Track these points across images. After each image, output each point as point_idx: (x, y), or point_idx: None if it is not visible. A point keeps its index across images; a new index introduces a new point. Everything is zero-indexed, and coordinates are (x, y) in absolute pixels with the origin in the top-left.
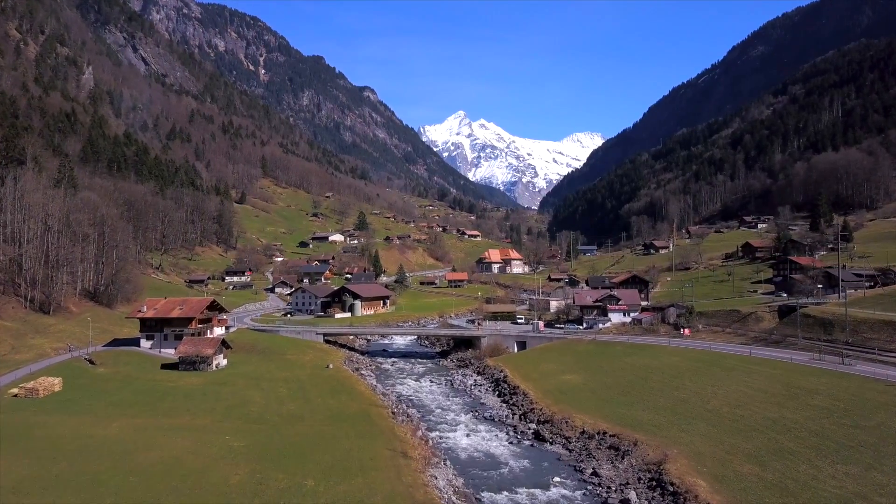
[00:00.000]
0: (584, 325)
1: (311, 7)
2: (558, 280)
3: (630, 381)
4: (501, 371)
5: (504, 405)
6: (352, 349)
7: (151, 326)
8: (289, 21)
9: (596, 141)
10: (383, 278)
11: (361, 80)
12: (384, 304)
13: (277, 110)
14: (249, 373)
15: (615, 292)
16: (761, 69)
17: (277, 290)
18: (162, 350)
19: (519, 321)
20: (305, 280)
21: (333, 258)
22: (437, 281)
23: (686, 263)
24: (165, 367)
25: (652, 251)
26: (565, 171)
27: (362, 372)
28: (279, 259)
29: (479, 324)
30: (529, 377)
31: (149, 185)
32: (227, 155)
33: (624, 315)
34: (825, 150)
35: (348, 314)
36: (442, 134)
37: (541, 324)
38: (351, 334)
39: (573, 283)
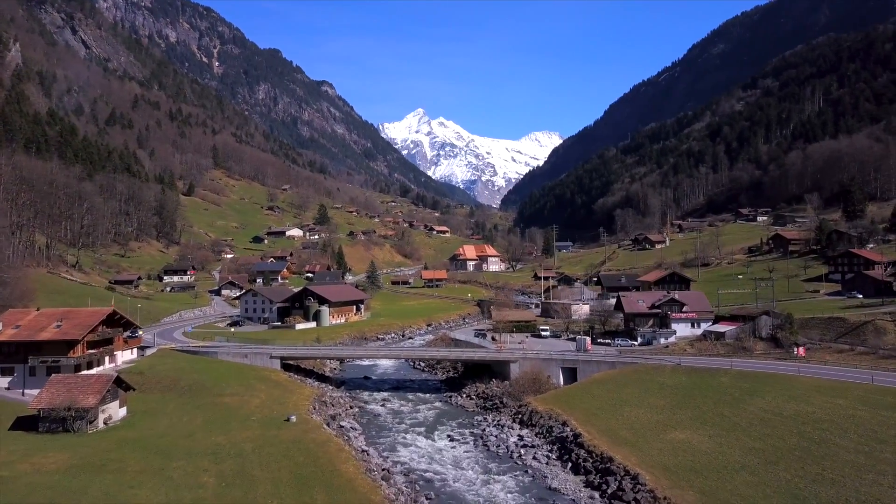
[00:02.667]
0: (640, 339)
1: (268, 3)
2: (547, 279)
3: (802, 450)
4: (562, 421)
5: (596, 495)
6: (322, 378)
7: (9, 354)
8: (244, 13)
9: (554, 140)
10: (350, 277)
11: (320, 74)
12: (357, 309)
13: (232, 103)
14: (156, 436)
15: (676, 295)
16: (722, 66)
17: (224, 292)
18: (26, 391)
19: (544, 334)
20: (259, 280)
21: (292, 255)
22: (411, 280)
23: (704, 259)
24: (20, 425)
25: (647, 246)
26: (524, 169)
27: (342, 424)
28: (229, 256)
29: (497, 340)
30: (617, 435)
31: (74, 170)
32: (174, 144)
33: (692, 326)
34: (816, 139)
35: (312, 324)
36: (401, 131)
37: (587, 340)
38: (320, 357)
39: (567, 281)
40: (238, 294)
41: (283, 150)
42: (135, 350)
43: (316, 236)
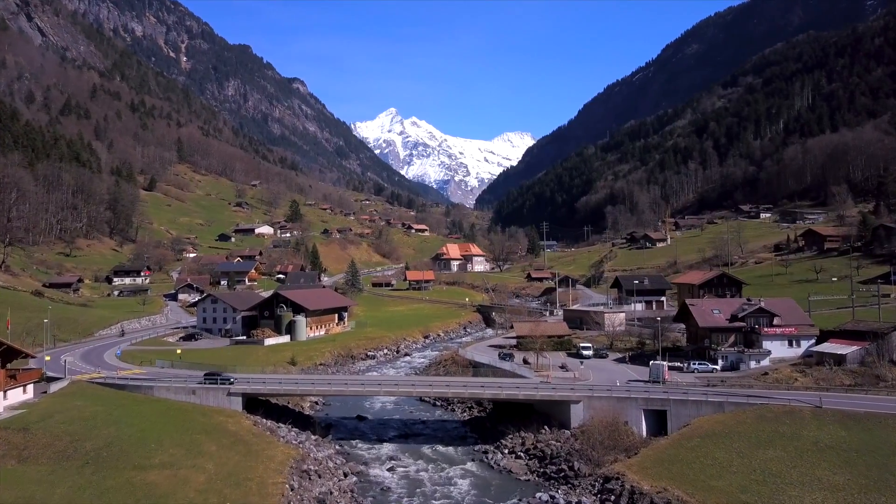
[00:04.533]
0: (721, 361)
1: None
2: (541, 280)
3: None
4: None
5: None
6: (300, 419)
7: None
8: (213, 8)
9: (526, 140)
10: (326, 279)
11: (291, 72)
12: (340, 318)
13: (200, 98)
14: None
15: (763, 303)
16: (696, 66)
17: (181, 296)
18: None
19: (585, 353)
20: (223, 282)
21: (261, 254)
22: (393, 281)
23: (724, 257)
24: None
25: (648, 244)
26: (497, 170)
27: None
28: (191, 255)
29: (531, 363)
30: None
31: (13, 157)
32: (135, 136)
33: (790, 344)
34: (813, 134)
35: (285, 337)
36: (373, 131)
37: (665, 367)
38: (298, 394)
39: (568, 282)
40: (197, 299)
41: (253, 146)
42: (29, 387)
43: (288, 234)
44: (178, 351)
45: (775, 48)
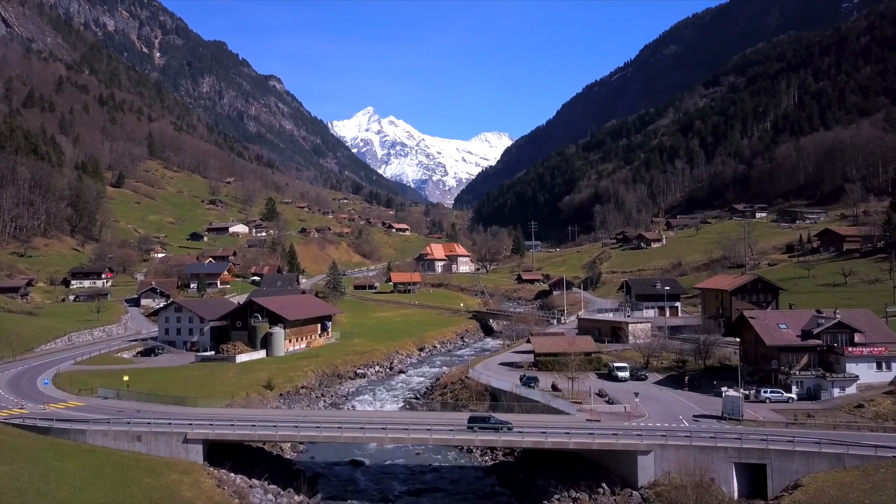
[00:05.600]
0: (796, 388)
1: None
2: (532, 281)
3: None
4: None
5: None
6: (276, 467)
7: None
8: (187, 3)
9: (504, 140)
10: (304, 280)
11: (267, 69)
12: (323, 329)
13: (174, 94)
14: None
15: (840, 316)
16: (675, 67)
17: (144, 301)
18: None
19: (620, 375)
20: (193, 285)
21: (235, 254)
22: (376, 284)
23: (734, 259)
24: None
25: (643, 245)
26: (475, 170)
27: None
28: (159, 255)
29: (565, 392)
30: None
31: None
32: (103, 130)
33: (878, 367)
34: (804, 132)
35: (261, 353)
36: (350, 130)
37: (740, 399)
38: (276, 440)
39: (564, 285)
40: (162, 304)
41: (229, 143)
42: None
43: (264, 233)
44: (126, 377)
45: (757, 48)
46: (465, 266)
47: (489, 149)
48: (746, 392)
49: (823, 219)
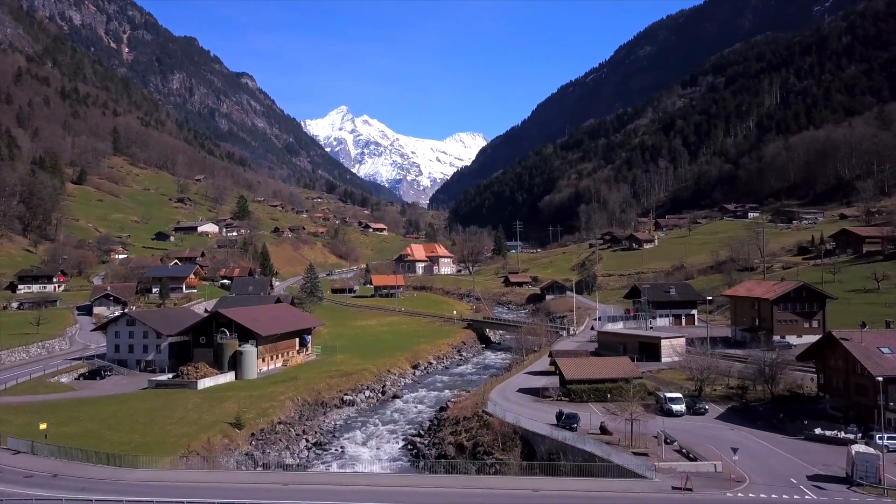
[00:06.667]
0: None
1: None
2: (520, 284)
3: None
4: None
5: None
6: None
7: None
8: None
9: (478, 141)
10: (278, 283)
11: (239, 67)
12: (302, 344)
13: (143, 90)
14: None
15: None
16: (649, 68)
17: (97, 309)
18: None
19: (675, 408)
20: (155, 290)
21: (203, 255)
22: (355, 287)
23: (743, 262)
24: None
25: (634, 246)
26: (449, 170)
27: None
28: (120, 256)
29: (620, 436)
30: None
31: None
32: (65, 125)
33: None
34: (790, 131)
35: (229, 375)
36: (324, 129)
37: (878, 461)
38: None
39: (557, 289)
40: (118, 314)
41: (199, 140)
42: None
43: (235, 233)
44: (43, 426)
45: (734, 48)
46: (446, 267)
47: (464, 149)
48: (849, 434)
49: (821, 219)
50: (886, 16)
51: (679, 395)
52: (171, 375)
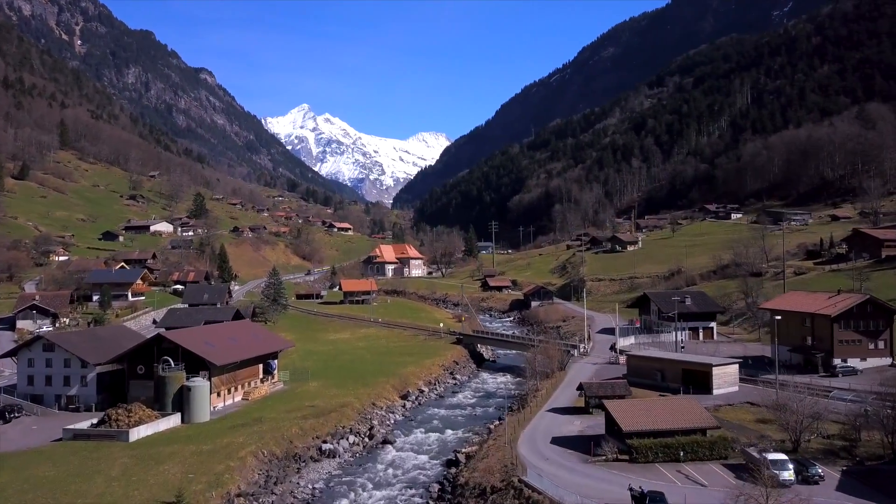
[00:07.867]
0: None
1: None
2: (500, 289)
3: None
4: None
5: None
6: None
7: None
8: None
9: (441, 141)
10: (237, 287)
11: (198, 62)
12: (267, 371)
13: (96, 84)
14: None
15: None
16: (613, 69)
17: (21, 323)
18: None
19: (783, 475)
20: (95, 298)
21: (155, 256)
22: (323, 292)
23: (749, 267)
24: None
25: (618, 248)
26: (413, 169)
27: None
28: (60, 259)
29: None
30: None
31: None
32: (7, 116)
33: None
34: (766, 131)
35: (173, 418)
36: (285, 127)
37: None
38: None
39: (544, 295)
40: (45, 328)
41: (154, 136)
42: None
43: (190, 233)
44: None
45: (699, 49)
46: (417, 269)
47: (427, 148)
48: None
49: (811, 220)
50: (856, 17)
51: (783, 455)
52: (94, 421)
